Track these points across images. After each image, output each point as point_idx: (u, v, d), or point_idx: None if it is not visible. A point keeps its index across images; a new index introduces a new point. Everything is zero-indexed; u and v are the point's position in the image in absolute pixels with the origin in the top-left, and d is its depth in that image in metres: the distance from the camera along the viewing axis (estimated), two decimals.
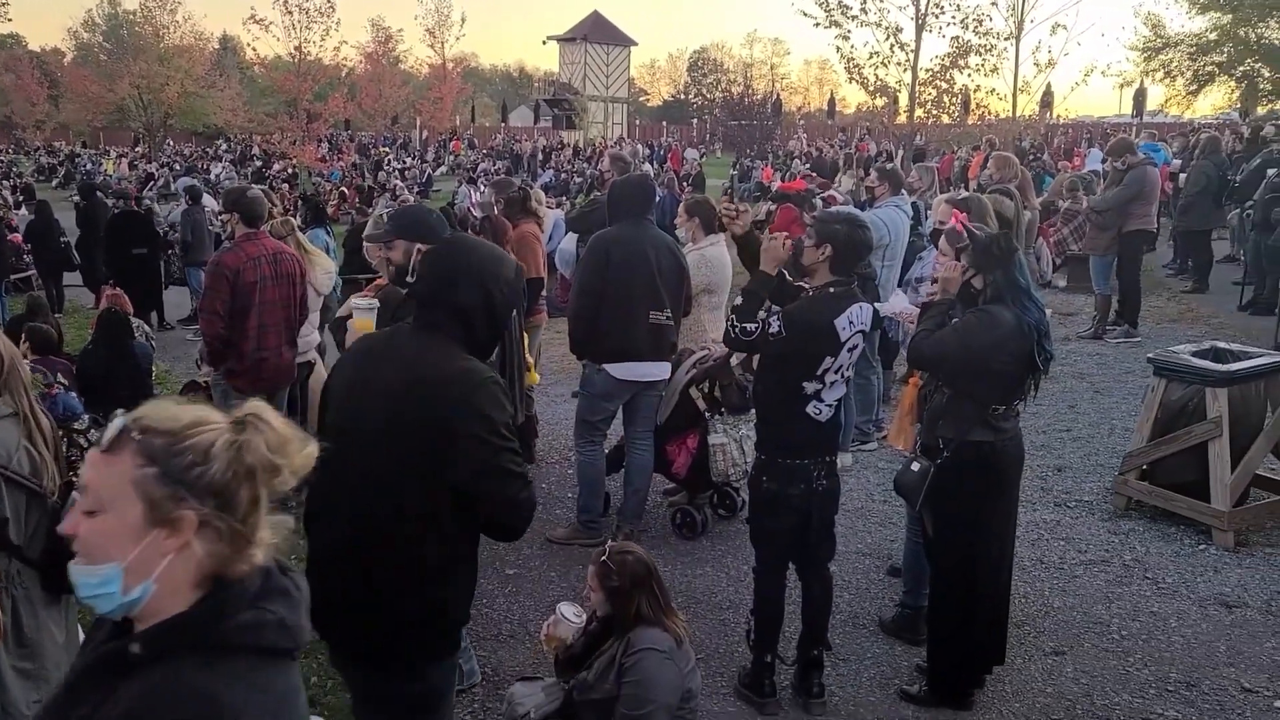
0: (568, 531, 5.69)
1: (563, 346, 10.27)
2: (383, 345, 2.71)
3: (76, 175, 36.59)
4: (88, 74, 42.68)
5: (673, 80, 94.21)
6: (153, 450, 1.37)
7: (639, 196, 5.40)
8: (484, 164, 36.68)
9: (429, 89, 47.16)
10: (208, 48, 44.19)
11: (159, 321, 12.57)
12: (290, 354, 5.65)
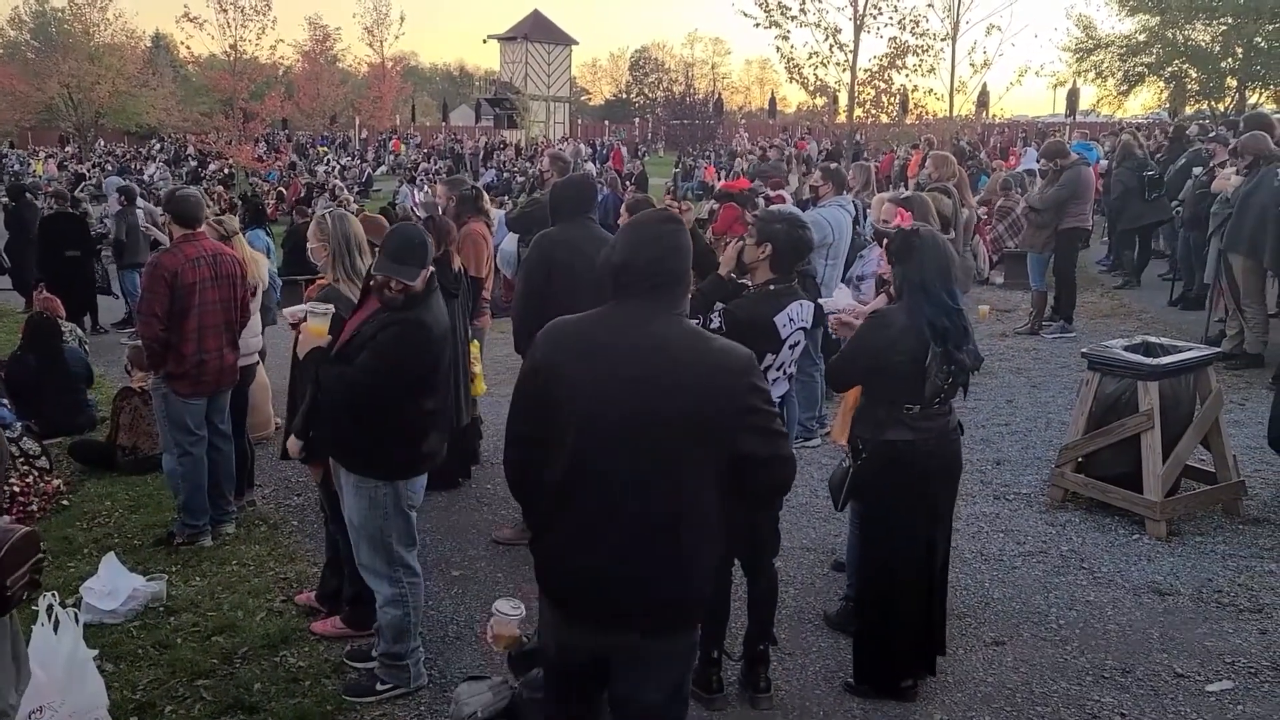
0: (514, 532, 5.66)
1: (505, 347, 10.25)
2: (612, 334, 2.53)
3: (4, 176, 35.58)
4: (14, 72, 41.39)
5: (614, 79, 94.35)
6: None
7: (581, 196, 5.40)
8: (425, 164, 36.38)
9: (368, 88, 46.73)
10: (140, 46, 43.20)
11: (93, 325, 12.29)
12: (233, 356, 5.54)
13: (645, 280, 2.53)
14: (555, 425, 2.51)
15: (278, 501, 6.43)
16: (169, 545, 5.59)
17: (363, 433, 3.91)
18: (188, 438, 5.48)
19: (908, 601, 3.91)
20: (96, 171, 33.83)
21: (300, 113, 42.12)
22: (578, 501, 2.51)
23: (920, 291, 3.71)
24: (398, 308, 3.79)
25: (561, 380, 2.51)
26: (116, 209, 12.75)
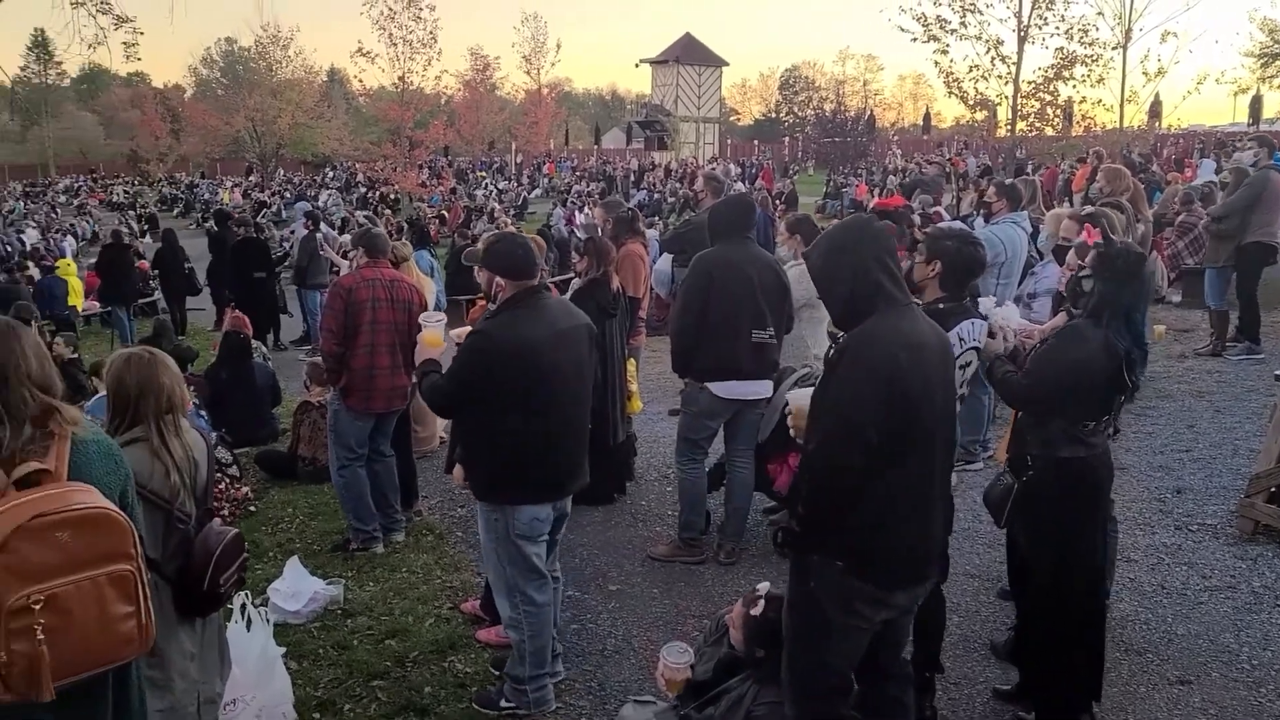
0: (669, 548, 5.72)
1: (659, 365, 10.39)
2: (922, 334, 2.98)
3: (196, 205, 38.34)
4: (206, 108, 44.78)
5: (764, 99, 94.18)
6: None
7: (740, 216, 5.43)
8: (578, 186, 37.17)
9: (524, 114, 48.07)
10: (317, 80, 45.91)
11: (275, 342, 13.08)
12: (404, 379, 5.79)
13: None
14: (903, 422, 2.80)
15: (443, 512, 6.68)
16: (345, 551, 5.89)
17: (469, 446, 4.04)
18: (347, 454, 5.78)
19: (1082, 625, 3.76)
20: (276, 199, 36.08)
21: (461, 139, 43.73)
22: (905, 483, 2.87)
23: (1117, 309, 3.65)
24: (486, 318, 3.94)
25: (916, 376, 2.83)
26: (303, 233, 13.55)
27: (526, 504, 3.87)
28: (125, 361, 3.06)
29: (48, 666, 2.17)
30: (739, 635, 3.35)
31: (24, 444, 2.25)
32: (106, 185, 52.06)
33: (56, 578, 2.18)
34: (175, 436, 3.04)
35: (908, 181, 22.87)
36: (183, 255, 15.35)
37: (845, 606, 2.92)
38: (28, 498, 2.18)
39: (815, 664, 3.00)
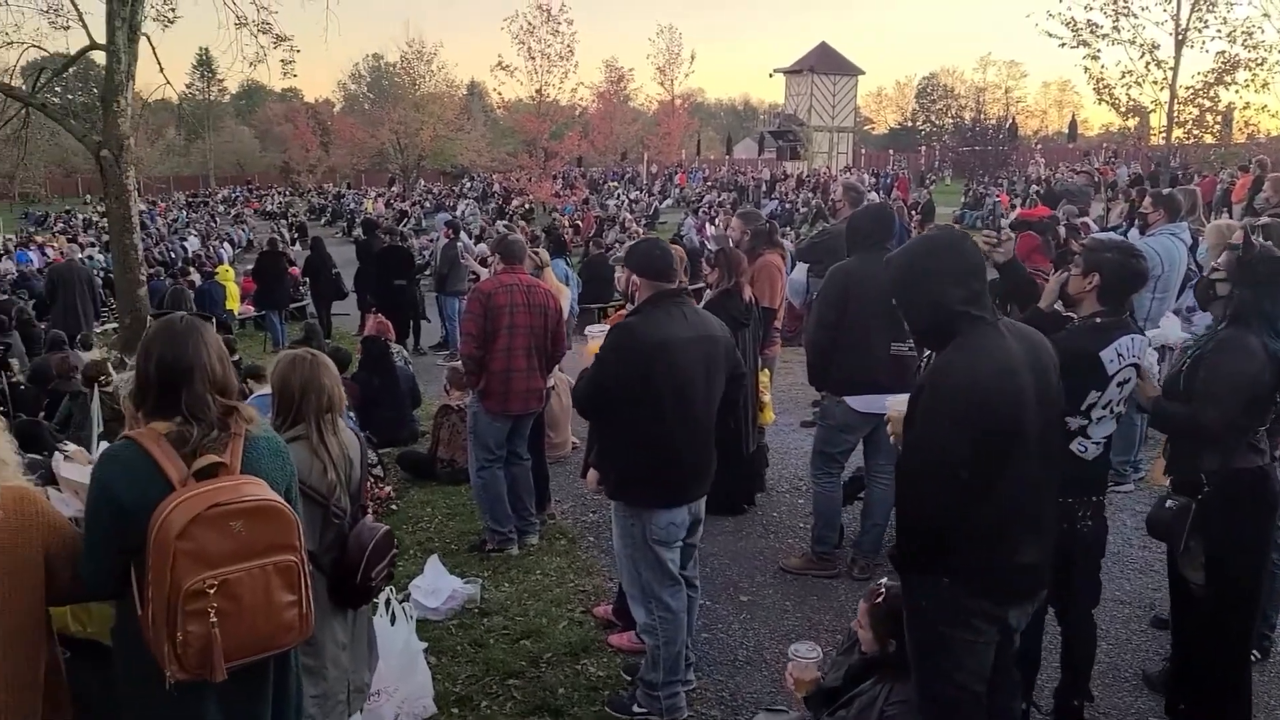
0: (801, 561, 5.66)
1: (792, 375, 10.31)
2: (1021, 351, 2.90)
3: (342, 214, 40.01)
4: (354, 122, 46.86)
5: (899, 107, 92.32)
6: None
7: (879, 226, 5.34)
8: (709, 196, 37.20)
9: (657, 125, 48.48)
10: (457, 94, 47.41)
11: (414, 347, 13.54)
12: (539, 381, 5.93)
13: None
14: (999, 448, 2.73)
15: (575, 517, 6.77)
16: (481, 551, 6.04)
17: (605, 450, 4.07)
18: (486, 455, 5.93)
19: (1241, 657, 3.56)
20: (416, 208, 37.34)
21: (594, 150, 44.43)
22: (1009, 500, 2.78)
23: (1261, 315, 3.52)
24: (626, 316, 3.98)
25: (1005, 400, 2.73)
26: (443, 241, 14.00)
27: (662, 507, 3.89)
28: (290, 363, 3.22)
29: (220, 648, 2.31)
30: (867, 633, 3.30)
31: (205, 440, 2.40)
32: (261, 195, 54.87)
33: (229, 565, 2.32)
34: (333, 435, 3.18)
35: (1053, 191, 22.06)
36: (330, 262, 16.04)
37: (958, 622, 2.85)
38: (206, 488, 2.32)
39: (941, 679, 2.92)
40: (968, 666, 2.87)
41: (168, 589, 2.26)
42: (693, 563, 4.25)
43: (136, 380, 2.52)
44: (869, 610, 3.32)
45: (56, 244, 32.22)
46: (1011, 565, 2.84)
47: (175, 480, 2.33)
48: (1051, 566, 3.05)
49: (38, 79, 14.76)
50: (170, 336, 2.49)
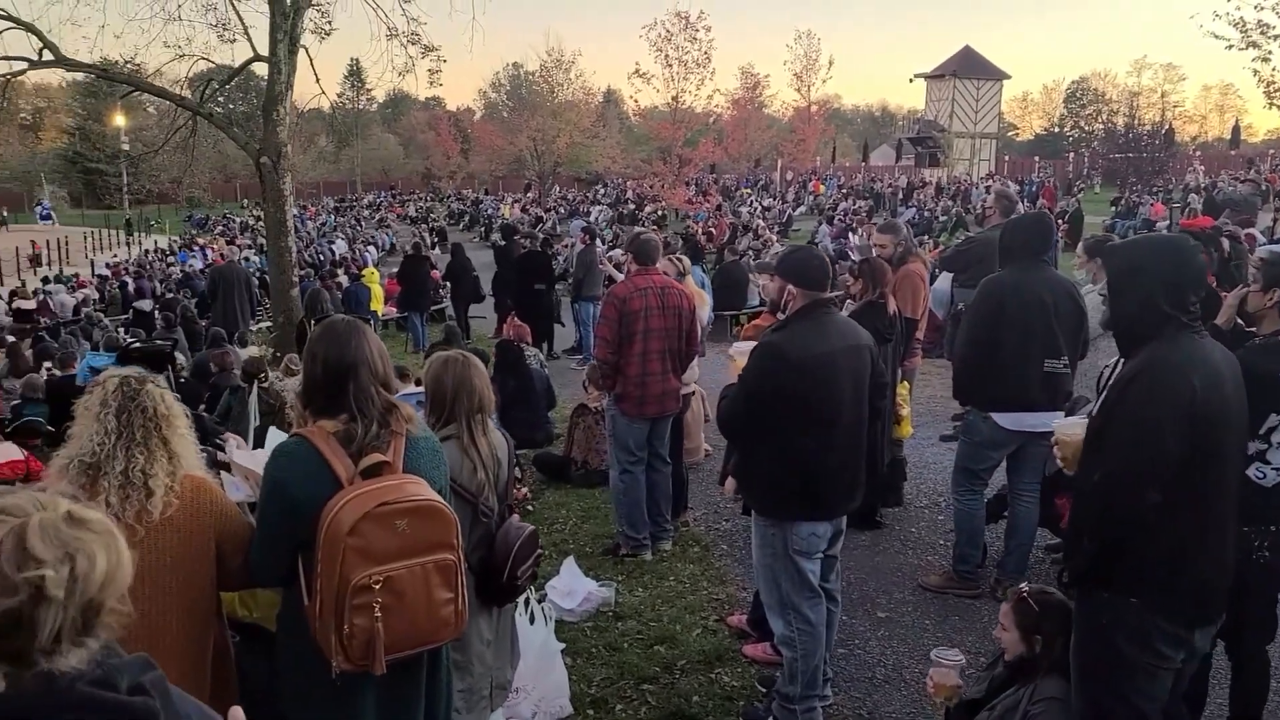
0: (942, 579, 5.51)
1: (930, 388, 10.05)
2: (1218, 362, 2.85)
3: (480, 219, 41.09)
4: (493, 129, 48.03)
5: (1046, 113, 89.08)
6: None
7: (1036, 236, 5.15)
8: (844, 203, 36.68)
9: (792, 131, 48.05)
10: (593, 101, 48.09)
11: (548, 350, 13.77)
12: (675, 382, 5.96)
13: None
14: (1202, 451, 2.66)
15: (708, 525, 6.76)
16: (615, 555, 6.09)
17: (747, 460, 4.03)
18: (628, 457, 5.96)
19: None
20: (551, 214, 38.03)
21: (728, 156, 44.33)
22: (1204, 514, 2.71)
23: None
24: (775, 329, 3.92)
25: (1214, 403, 2.68)
26: (580, 247, 14.22)
27: (806, 520, 3.84)
28: (443, 364, 3.31)
29: (383, 641, 2.39)
30: (1012, 634, 3.19)
31: (370, 439, 2.49)
32: (404, 200, 56.87)
33: (394, 561, 2.40)
34: (483, 435, 3.26)
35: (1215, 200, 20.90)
36: (470, 267, 16.48)
37: (1144, 645, 2.72)
38: (373, 486, 2.41)
39: (1116, 700, 2.79)
40: (1146, 691, 2.75)
41: (336, 583, 2.35)
42: (834, 574, 4.19)
43: (304, 381, 2.64)
44: (1013, 608, 3.23)
45: (216, 246, 34.20)
46: (1200, 584, 2.73)
47: (343, 478, 2.43)
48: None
49: (205, 89, 15.67)
50: (334, 337, 2.60)
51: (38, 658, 1.17)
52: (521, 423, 8.92)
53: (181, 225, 49.85)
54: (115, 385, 2.51)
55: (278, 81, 13.69)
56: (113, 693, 1.21)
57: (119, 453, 2.43)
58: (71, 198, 63.99)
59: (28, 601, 1.15)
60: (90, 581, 1.19)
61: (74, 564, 1.18)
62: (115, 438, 2.44)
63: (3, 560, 1.15)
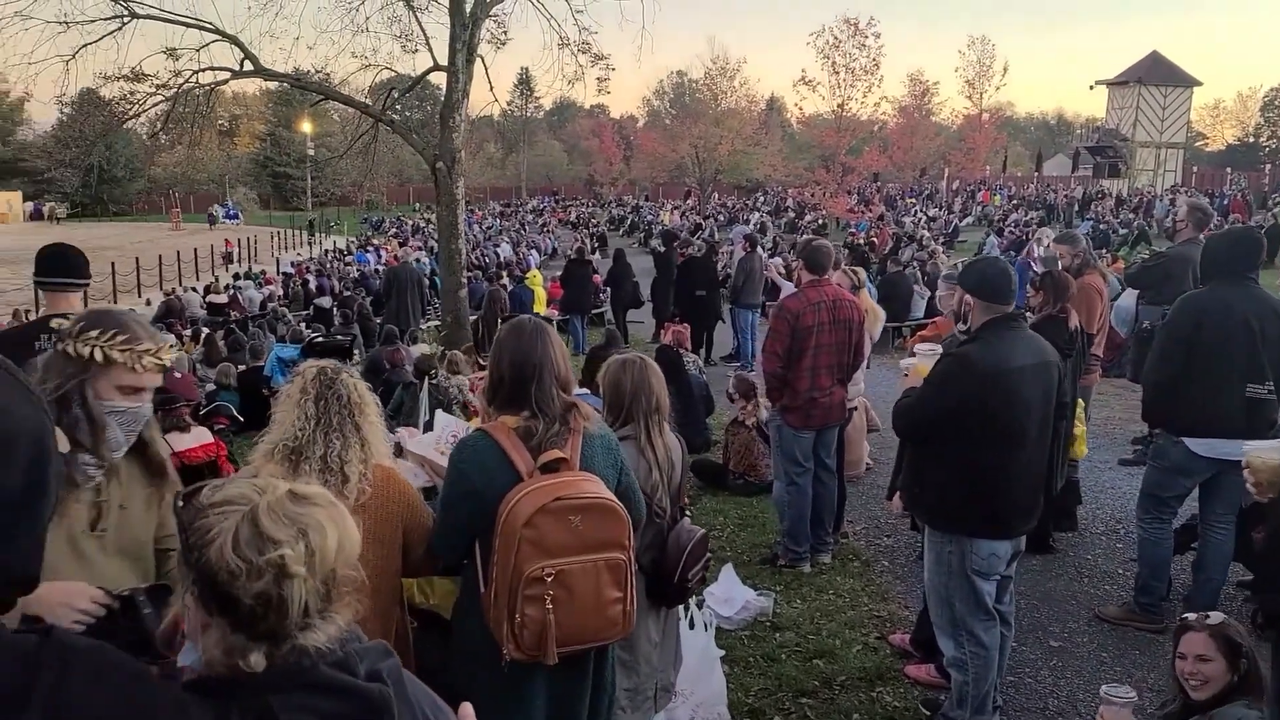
0: (1121, 611, 5.22)
1: (1108, 408, 9.56)
2: None
3: (640, 225, 41.60)
4: (655, 136, 48.47)
5: (1240, 121, 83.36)
6: (180, 524, 1.28)
7: (1242, 253, 4.80)
8: (1014, 214, 35.33)
9: (961, 139, 46.64)
10: (756, 109, 47.91)
11: (706, 357, 13.79)
12: (841, 394, 5.86)
13: None
14: None
15: (869, 539, 6.61)
16: (773, 565, 6.03)
17: (925, 475, 3.89)
18: (795, 468, 5.88)
19: None
20: (710, 221, 38.10)
21: (893, 165, 43.44)
22: None
23: None
24: (962, 342, 3.78)
25: None
26: (741, 254, 14.19)
27: (986, 538, 3.71)
28: (622, 365, 3.36)
29: (554, 633, 2.44)
30: (1218, 663, 3.02)
31: (550, 436, 2.55)
32: (566, 206, 58.14)
33: (566, 556, 2.45)
34: (659, 436, 3.29)
35: None
36: (630, 272, 16.67)
37: None
38: (550, 481, 2.47)
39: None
40: None
41: (510, 572, 2.42)
42: (1008, 597, 4.02)
43: (489, 377, 2.73)
44: (1215, 634, 3.04)
45: (390, 247, 35.82)
46: None
47: (523, 471, 2.49)
48: None
49: (386, 98, 16.45)
50: (521, 337, 2.68)
51: (293, 632, 1.24)
52: (681, 427, 8.95)
53: (359, 226, 52.45)
54: (314, 374, 2.65)
55: (455, 89, 14.24)
56: (351, 677, 1.26)
57: (318, 437, 2.55)
58: (260, 199, 68.37)
59: (273, 582, 1.21)
60: (326, 553, 1.25)
61: (308, 539, 1.24)
62: (314, 423, 2.57)
63: (243, 547, 1.21)
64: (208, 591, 1.22)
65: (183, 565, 1.25)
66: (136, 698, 1.12)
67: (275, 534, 1.23)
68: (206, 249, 35.14)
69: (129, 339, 2.15)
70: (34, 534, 1.12)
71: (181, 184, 63.69)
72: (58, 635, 1.11)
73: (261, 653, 1.23)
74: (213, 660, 1.25)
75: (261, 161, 72.55)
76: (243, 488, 1.28)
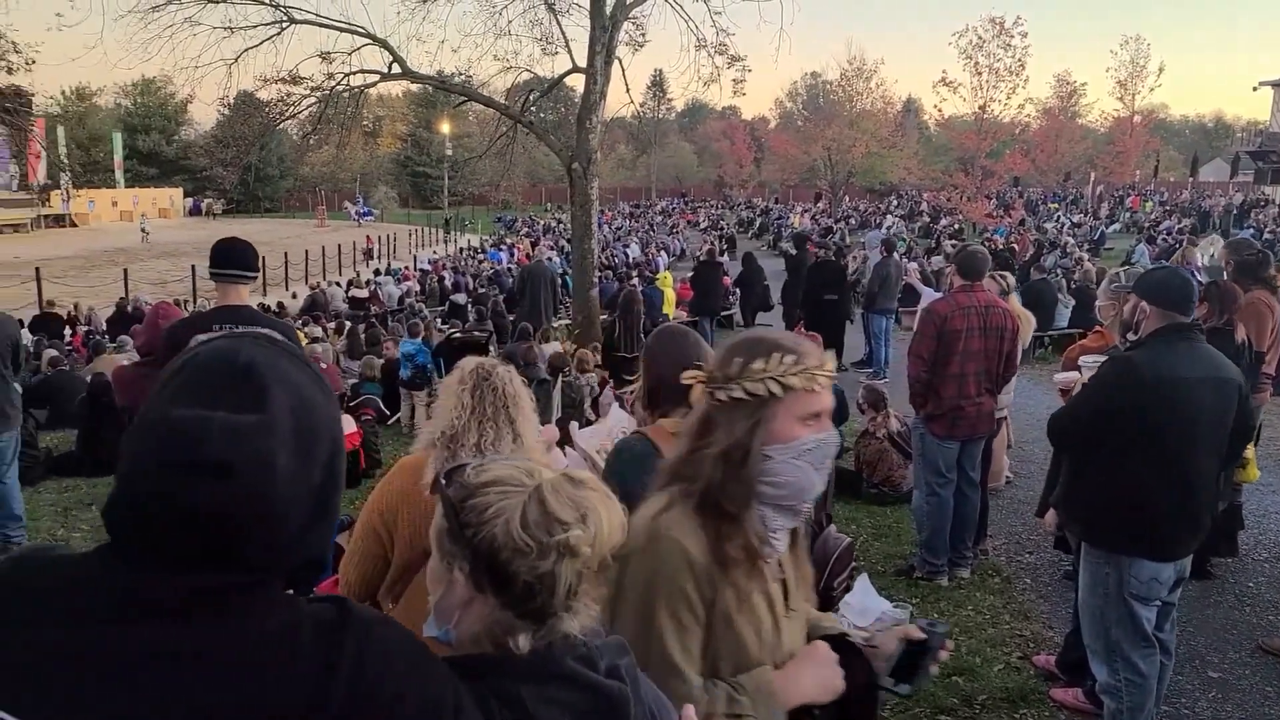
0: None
1: (1270, 429, 8.97)
2: None
3: (769, 227, 41.34)
4: (788, 138, 48.07)
5: None
6: (449, 502, 1.29)
7: None
8: (1166, 221, 33.66)
9: (1109, 143, 44.69)
10: (892, 110, 46.96)
11: (837, 363, 13.58)
12: (989, 404, 5.67)
13: None
14: None
15: (1009, 555, 6.39)
16: (908, 577, 5.89)
17: (1080, 489, 3.72)
18: (937, 479, 5.72)
19: None
20: (841, 225, 37.56)
21: (1035, 169, 41.89)
22: None
23: None
24: (1130, 347, 3.64)
25: None
26: (876, 258, 13.94)
27: (1148, 559, 3.53)
28: None
29: None
30: None
31: None
32: (695, 208, 58.22)
33: None
34: None
35: None
36: (761, 275, 16.58)
37: None
38: None
39: None
40: None
41: None
42: (1169, 624, 3.82)
43: (643, 383, 2.75)
44: None
45: (521, 246, 36.57)
46: None
47: None
48: None
49: (525, 99, 16.78)
50: (673, 339, 2.72)
51: (558, 612, 1.26)
52: None
53: (492, 225, 53.75)
54: (472, 366, 2.71)
55: (593, 91, 14.43)
56: (594, 673, 1.27)
57: (471, 425, 2.62)
58: (400, 198, 70.81)
59: (556, 562, 1.23)
60: (601, 537, 1.27)
61: (588, 522, 1.26)
62: (469, 413, 2.63)
63: (532, 527, 1.23)
64: (481, 567, 1.24)
65: (451, 542, 1.27)
66: (425, 671, 1.16)
67: (562, 515, 1.24)
68: (349, 245, 36.54)
69: (795, 358, 1.81)
70: (330, 522, 1.18)
71: (327, 182, 66.49)
72: (351, 607, 1.15)
73: (528, 635, 1.25)
74: (475, 636, 1.28)
75: (402, 161, 75.16)
76: (508, 469, 1.30)
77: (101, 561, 1.07)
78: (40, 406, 9.83)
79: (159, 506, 1.03)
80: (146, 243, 41.04)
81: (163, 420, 1.06)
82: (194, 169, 61.36)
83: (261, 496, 1.04)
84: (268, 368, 1.11)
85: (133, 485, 1.05)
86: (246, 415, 1.05)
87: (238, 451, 1.03)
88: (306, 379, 1.16)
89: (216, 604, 1.05)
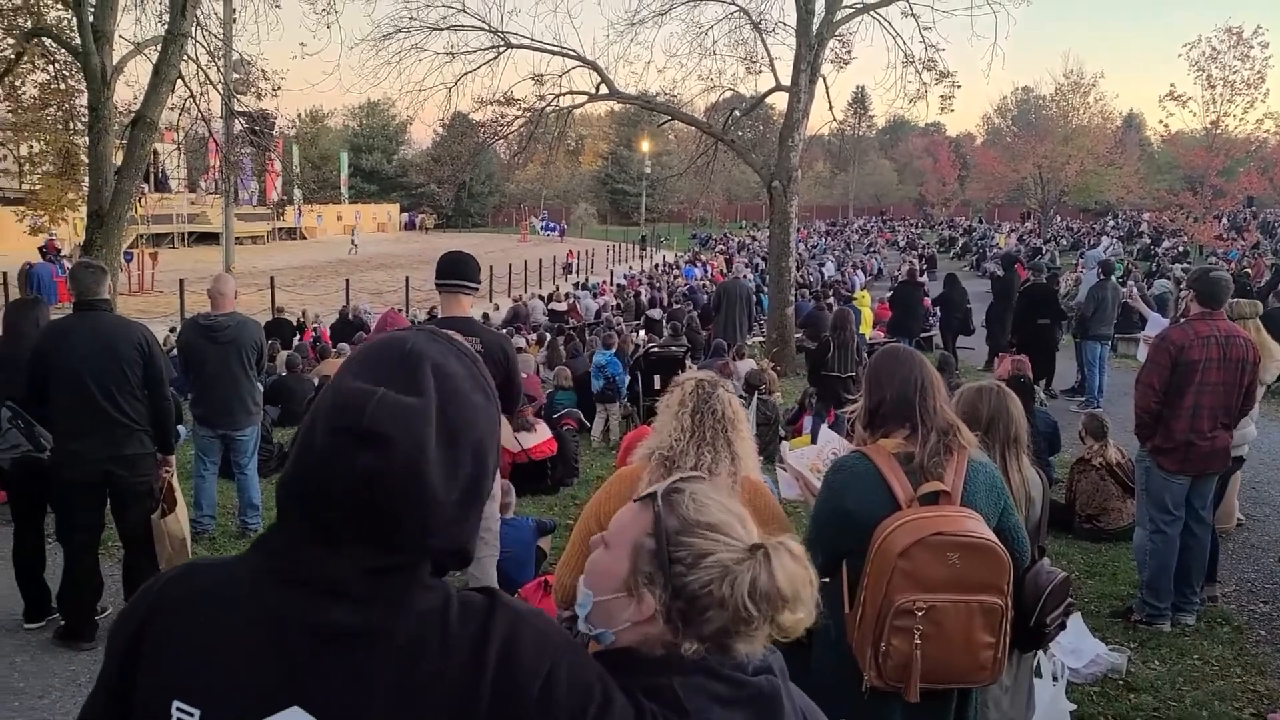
0: None
1: None
2: None
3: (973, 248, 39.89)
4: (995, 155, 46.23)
5: None
6: (664, 527, 1.33)
7: None
8: None
9: None
10: (1111, 126, 44.34)
11: (1047, 389, 12.95)
12: (1225, 440, 5.26)
13: None
14: None
15: (1241, 604, 5.91)
16: (1125, 620, 5.54)
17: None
18: (1163, 516, 5.35)
19: None
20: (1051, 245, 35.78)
21: (1273, 189, 38.54)
22: None
23: None
24: None
25: None
26: (1093, 281, 13.21)
27: None
28: (978, 392, 3.25)
29: (919, 667, 2.38)
30: None
31: (929, 455, 2.51)
32: (894, 226, 56.90)
33: (940, 592, 2.39)
34: (1017, 469, 3.14)
35: None
36: (965, 298, 16.00)
37: None
38: (931, 514, 2.43)
39: None
40: None
41: (881, 600, 2.40)
42: None
43: (865, 401, 2.73)
44: None
45: (715, 263, 36.77)
46: None
47: (901, 500, 2.47)
48: None
49: (727, 118, 16.91)
50: (899, 358, 2.72)
51: (734, 646, 1.30)
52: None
53: (687, 242, 54.33)
54: (692, 387, 2.76)
55: (795, 109, 14.39)
56: (739, 672, 1.30)
57: (690, 449, 2.66)
58: (599, 214, 72.71)
59: (761, 625, 1.28)
60: (808, 617, 1.32)
61: (803, 599, 1.31)
62: (689, 435, 2.68)
63: (759, 599, 1.27)
64: (680, 605, 1.28)
65: (654, 566, 1.31)
66: (574, 658, 1.20)
67: (786, 592, 1.28)
68: (550, 259, 37.79)
69: None
70: (476, 516, 1.24)
71: (530, 199, 69.10)
72: (500, 596, 1.22)
73: (698, 648, 1.28)
74: (644, 641, 1.31)
75: (602, 179, 77.17)
76: (724, 513, 1.36)
77: (265, 552, 1.17)
78: (273, 404, 10.65)
79: (325, 473, 1.10)
80: (355, 254, 43.65)
81: (336, 390, 1.15)
82: (410, 186, 65.27)
83: (415, 474, 1.10)
84: (430, 358, 1.17)
85: (306, 451, 1.14)
86: (408, 397, 1.12)
87: (394, 426, 1.09)
88: (467, 375, 1.21)
89: (385, 584, 1.12)
